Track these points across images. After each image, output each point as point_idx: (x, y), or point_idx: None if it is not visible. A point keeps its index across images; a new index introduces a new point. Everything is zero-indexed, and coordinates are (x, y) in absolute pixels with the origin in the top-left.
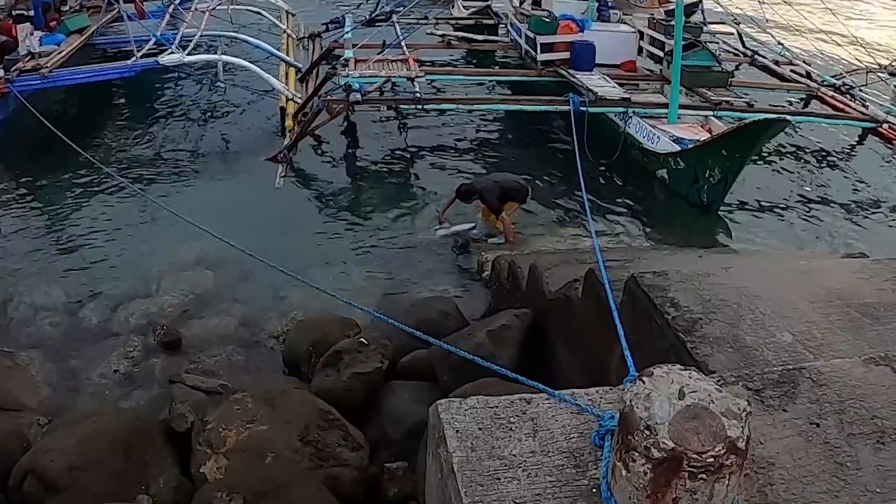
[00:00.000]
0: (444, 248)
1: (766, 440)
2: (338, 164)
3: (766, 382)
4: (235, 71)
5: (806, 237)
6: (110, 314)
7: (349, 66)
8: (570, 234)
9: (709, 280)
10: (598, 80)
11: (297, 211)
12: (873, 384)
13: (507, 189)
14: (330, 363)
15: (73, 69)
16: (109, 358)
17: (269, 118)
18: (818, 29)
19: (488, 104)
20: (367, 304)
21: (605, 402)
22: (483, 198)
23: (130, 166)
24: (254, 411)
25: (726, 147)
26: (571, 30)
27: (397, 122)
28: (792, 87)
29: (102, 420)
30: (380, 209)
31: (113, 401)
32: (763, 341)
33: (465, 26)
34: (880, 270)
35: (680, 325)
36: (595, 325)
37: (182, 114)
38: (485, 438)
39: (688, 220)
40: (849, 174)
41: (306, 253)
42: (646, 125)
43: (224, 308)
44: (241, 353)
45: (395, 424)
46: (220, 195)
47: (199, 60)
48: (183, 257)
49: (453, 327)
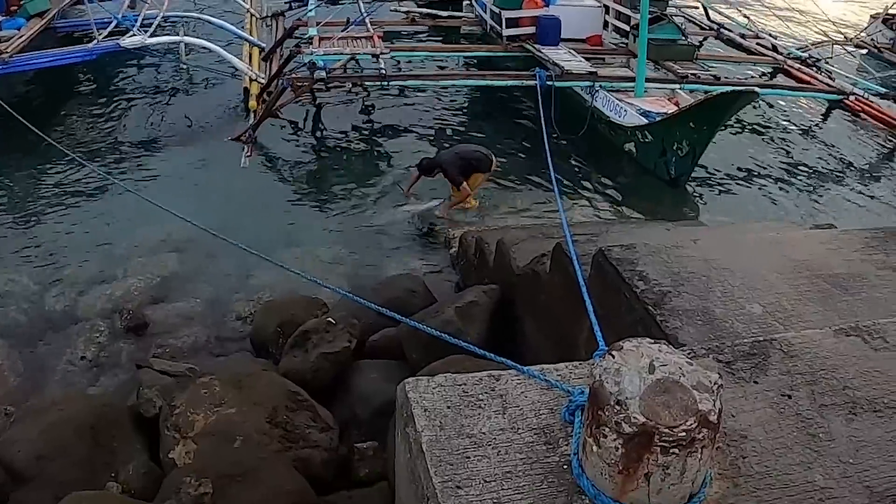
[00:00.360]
0: (410, 226)
1: (738, 413)
2: (304, 144)
3: (737, 354)
4: (199, 51)
5: (774, 209)
6: (75, 299)
7: (313, 44)
8: (537, 209)
9: (677, 252)
10: (564, 55)
11: (263, 191)
12: (844, 355)
13: (470, 160)
14: (298, 344)
15: (33, 54)
16: (75, 344)
17: (234, 98)
18: (783, 2)
19: (454, 80)
20: (335, 282)
21: (574, 378)
22: (444, 170)
23: (93, 149)
24: (221, 394)
25: (694, 119)
26: (537, 4)
27: (363, 100)
28: (758, 60)
29: (69, 407)
30: (346, 188)
31: (80, 387)
32: (733, 313)
33: (430, 2)
34: (849, 241)
35: (649, 299)
36: (563, 300)
37: (146, 96)
38: (453, 416)
39: (656, 194)
40: (816, 146)
41: (273, 233)
42: (613, 99)
43: (190, 290)
44: (208, 335)
45: (364, 404)
46: (185, 176)
47: (161, 42)
48: (148, 240)
49: (421, 304)
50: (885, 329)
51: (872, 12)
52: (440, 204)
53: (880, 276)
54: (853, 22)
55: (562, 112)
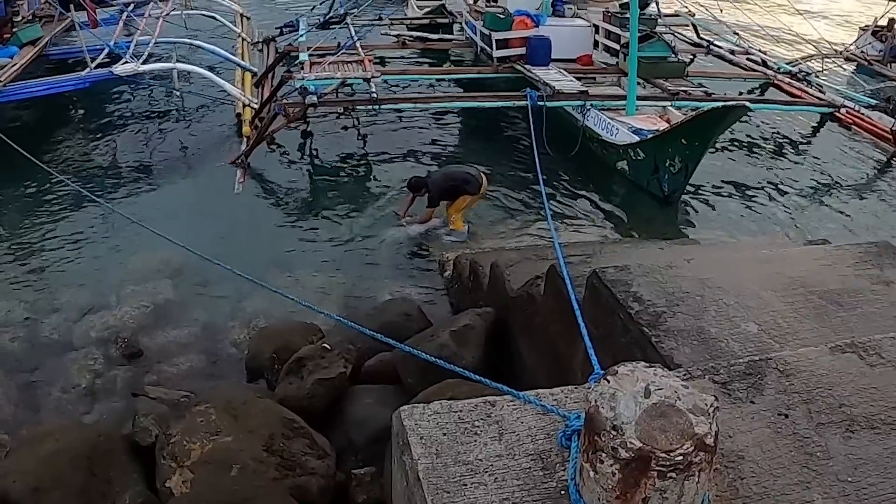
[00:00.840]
0: (404, 249)
1: (735, 433)
2: (296, 168)
3: (733, 375)
4: (191, 78)
5: (767, 225)
6: (70, 327)
7: (304, 69)
8: (531, 228)
9: (671, 272)
10: (554, 75)
11: (257, 216)
12: (840, 372)
13: (458, 182)
14: (293, 370)
15: (26, 83)
16: (71, 372)
17: (227, 124)
18: (773, 17)
19: (445, 102)
20: (330, 307)
21: (570, 402)
22: (428, 190)
23: (88, 176)
24: (217, 423)
25: (685, 136)
26: (526, 25)
27: (355, 124)
28: (748, 76)
29: (65, 437)
30: (340, 212)
31: (75, 416)
32: (728, 332)
33: (420, 25)
34: (842, 256)
35: (644, 320)
36: (558, 322)
37: (139, 122)
38: (449, 444)
39: (649, 211)
40: (808, 160)
41: (267, 258)
42: (604, 117)
43: (185, 316)
44: (203, 362)
45: (360, 429)
46: (179, 202)
47: (154, 69)
48: (142, 266)
49: (416, 328)
50: (880, 345)
51: (861, 25)
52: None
53: (875, 291)
54: (841, 36)
55: (554, 131)
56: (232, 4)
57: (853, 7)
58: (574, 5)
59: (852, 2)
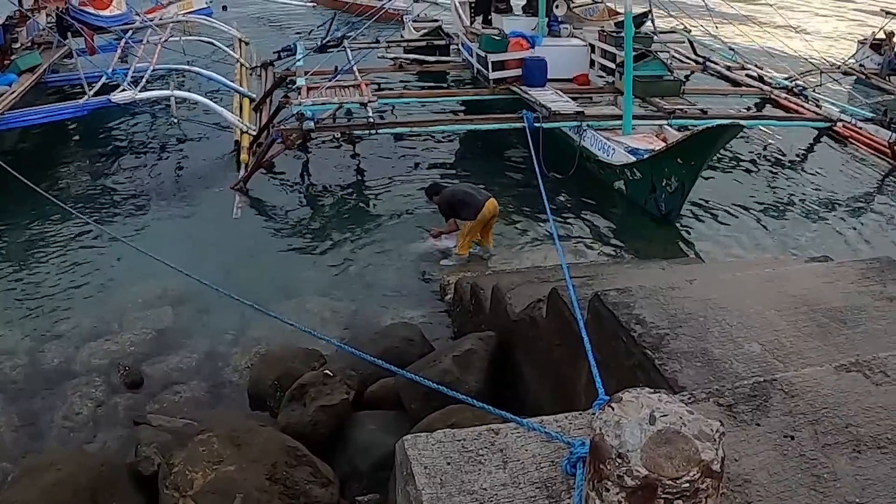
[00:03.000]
0: (405, 273)
1: (741, 457)
2: (295, 193)
3: (738, 397)
4: (189, 104)
5: (766, 241)
6: (71, 354)
7: (302, 94)
8: (531, 252)
9: (673, 294)
10: (551, 96)
11: (257, 241)
12: (846, 391)
13: (455, 203)
14: (295, 397)
15: (26, 111)
16: (73, 400)
17: (225, 150)
18: (769, 34)
19: (442, 125)
20: (331, 333)
21: (574, 429)
22: (438, 204)
23: (87, 203)
24: (220, 452)
25: (682, 155)
26: (522, 46)
27: (353, 148)
28: (745, 92)
29: (67, 467)
30: (339, 236)
31: (76, 444)
32: (732, 353)
33: (417, 48)
34: (845, 273)
35: (647, 342)
36: (560, 346)
37: (138, 149)
38: (454, 473)
39: (647, 230)
40: (806, 175)
41: (267, 284)
42: (601, 137)
43: (186, 343)
44: (205, 389)
45: (363, 456)
46: (179, 229)
47: (151, 97)
48: (143, 293)
49: (418, 353)
50: (885, 363)
51: (859, 39)
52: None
53: (878, 308)
54: (838, 51)
55: (551, 152)
56: (230, 30)
57: (848, 26)
58: (570, 25)
59: (847, 21)
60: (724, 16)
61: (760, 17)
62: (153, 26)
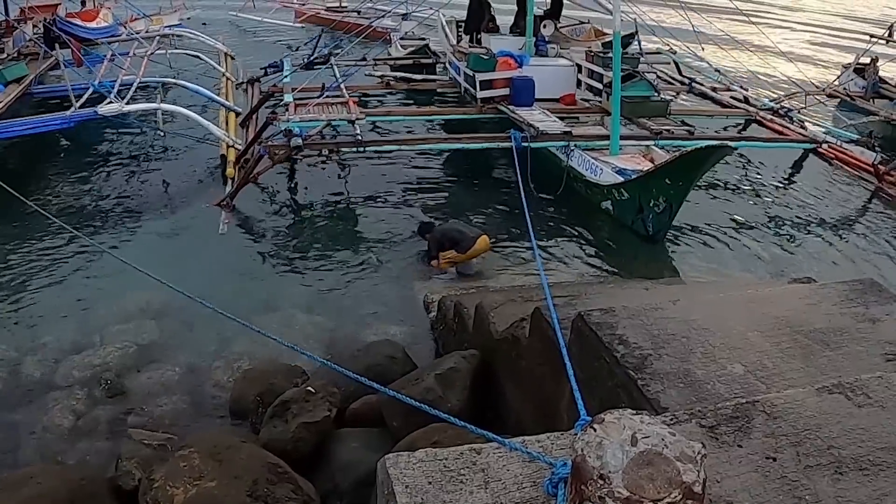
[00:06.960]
0: (389, 291)
1: (723, 478)
2: (281, 209)
3: (720, 418)
4: (176, 118)
5: (751, 262)
6: (52, 366)
7: (289, 111)
8: (515, 270)
9: (657, 314)
10: (538, 115)
11: (242, 257)
12: (828, 413)
13: (446, 241)
14: (277, 413)
15: (12, 121)
16: (52, 412)
17: (211, 164)
18: (755, 56)
19: (430, 143)
20: (314, 349)
21: (556, 449)
22: (429, 241)
23: (72, 215)
24: (201, 468)
25: (669, 176)
26: (510, 66)
27: (339, 166)
28: (731, 113)
29: (46, 481)
30: (325, 253)
31: (57, 457)
32: (714, 374)
33: (404, 66)
34: (827, 294)
35: (630, 363)
36: (543, 365)
37: (124, 162)
38: (435, 493)
39: (634, 250)
40: (791, 196)
41: (251, 298)
42: (588, 158)
43: (169, 357)
44: (187, 403)
45: (345, 474)
46: (164, 242)
47: (138, 109)
48: (126, 306)
49: (401, 371)
50: (867, 385)
51: (843, 63)
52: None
53: (860, 330)
54: (822, 74)
55: (538, 171)
56: (217, 44)
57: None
58: (557, 45)
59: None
60: (710, 37)
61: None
62: (139, 39)
